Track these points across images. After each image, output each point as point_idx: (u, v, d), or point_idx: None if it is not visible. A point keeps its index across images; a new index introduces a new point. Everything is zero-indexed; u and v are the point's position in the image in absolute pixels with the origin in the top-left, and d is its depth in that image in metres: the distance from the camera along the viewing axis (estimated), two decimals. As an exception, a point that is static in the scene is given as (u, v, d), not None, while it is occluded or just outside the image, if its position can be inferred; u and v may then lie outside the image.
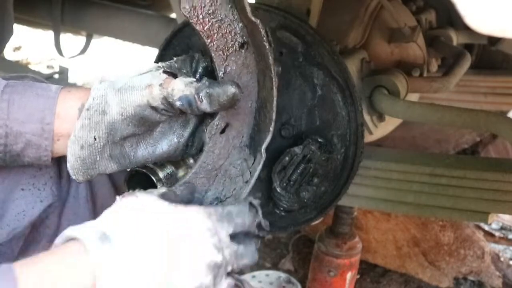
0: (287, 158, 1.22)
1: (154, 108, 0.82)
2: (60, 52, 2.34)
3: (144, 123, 0.84)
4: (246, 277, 2.01)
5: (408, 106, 1.44)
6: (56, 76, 2.28)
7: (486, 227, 2.35)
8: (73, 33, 2.76)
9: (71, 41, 2.70)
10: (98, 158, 0.85)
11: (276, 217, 1.34)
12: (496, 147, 2.61)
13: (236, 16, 0.88)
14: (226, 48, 0.87)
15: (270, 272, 2.08)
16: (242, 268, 0.78)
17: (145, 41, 2.17)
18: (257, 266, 2.18)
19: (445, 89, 1.58)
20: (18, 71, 2.26)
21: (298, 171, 1.22)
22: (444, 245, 2.05)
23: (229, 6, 0.87)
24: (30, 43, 4.30)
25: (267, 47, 0.87)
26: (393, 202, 1.47)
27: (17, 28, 1.80)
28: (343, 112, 1.24)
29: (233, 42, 0.87)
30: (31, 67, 3.84)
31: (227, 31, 0.86)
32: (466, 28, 1.02)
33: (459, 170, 1.43)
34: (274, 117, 0.92)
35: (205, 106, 0.80)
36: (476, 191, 1.39)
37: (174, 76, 0.87)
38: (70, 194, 1.08)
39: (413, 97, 1.70)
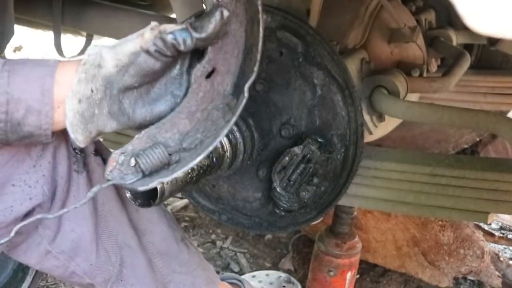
0: (287, 158, 1.22)
1: (148, 53, 0.82)
2: (60, 52, 2.34)
3: (139, 73, 0.84)
4: (246, 277, 2.02)
5: (408, 106, 1.44)
6: (56, 76, 2.28)
7: (486, 227, 2.35)
8: (73, 33, 2.75)
9: (71, 41, 2.70)
10: (96, 112, 0.85)
11: (276, 217, 1.34)
12: (495, 147, 2.61)
13: None
14: None
15: (270, 272, 2.08)
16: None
17: (145, 41, 2.17)
18: (257, 266, 2.18)
19: (444, 89, 1.59)
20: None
21: (298, 171, 1.23)
22: (443, 245, 2.05)
23: None
24: (30, 43, 4.30)
25: None
26: (393, 202, 1.47)
27: (18, 28, 1.80)
28: (343, 112, 1.25)
29: None
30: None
31: None
32: (465, 28, 1.02)
33: (459, 170, 1.43)
34: (259, 58, 0.92)
35: (198, 33, 0.81)
36: (476, 191, 1.39)
37: None
38: (70, 194, 1.08)
39: (413, 97, 1.71)
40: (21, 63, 0.86)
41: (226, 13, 0.83)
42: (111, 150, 1.02)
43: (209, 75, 0.94)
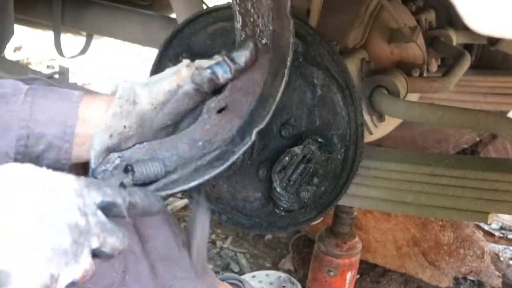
0: (287, 158, 1.22)
1: (184, 91, 0.82)
2: (60, 52, 2.34)
3: (174, 112, 0.84)
4: (246, 277, 2.02)
5: (408, 106, 1.44)
6: (56, 76, 2.27)
7: (486, 227, 2.35)
8: (73, 33, 2.76)
9: (71, 41, 2.70)
10: (123, 145, 0.85)
11: (276, 217, 1.34)
12: (496, 147, 2.61)
13: (270, 14, 0.92)
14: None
15: (270, 272, 2.08)
16: (110, 251, 0.74)
17: (145, 41, 2.17)
18: (257, 266, 2.18)
19: (445, 89, 1.59)
20: (19, 71, 2.26)
21: (298, 171, 1.22)
22: (444, 245, 2.05)
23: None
24: (30, 43, 4.30)
25: (291, 48, 0.92)
26: (393, 202, 1.47)
27: (18, 28, 1.80)
28: (343, 112, 1.25)
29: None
30: (31, 67, 3.84)
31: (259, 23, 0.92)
32: (465, 28, 1.02)
33: (459, 170, 1.43)
34: (273, 109, 0.96)
35: (236, 63, 0.83)
36: (476, 191, 1.39)
37: None
38: None
39: (413, 97, 1.71)
40: (43, 95, 0.84)
41: (259, 43, 0.86)
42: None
43: (220, 111, 0.95)
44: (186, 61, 0.84)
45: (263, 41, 0.93)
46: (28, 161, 0.84)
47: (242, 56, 0.85)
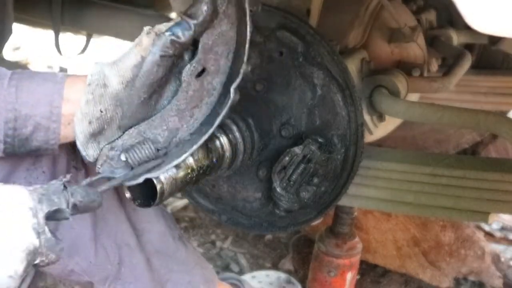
0: (287, 158, 1.22)
1: (150, 61, 0.82)
2: (60, 52, 2.34)
3: (146, 84, 0.84)
4: (246, 277, 2.01)
5: (408, 106, 1.44)
6: (56, 76, 2.27)
7: (487, 227, 2.35)
8: (73, 33, 2.75)
9: (71, 41, 2.70)
10: (106, 127, 0.86)
11: (276, 217, 1.34)
12: (496, 147, 2.61)
13: None
14: None
15: (270, 272, 2.08)
16: (46, 265, 0.76)
17: (145, 41, 2.17)
18: (257, 266, 2.18)
19: (445, 89, 1.58)
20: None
21: (298, 171, 1.22)
22: (444, 245, 2.05)
23: None
24: (29, 43, 4.29)
25: None
26: (393, 202, 1.47)
27: (17, 27, 1.80)
28: (343, 112, 1.24)
29: None
30: (31, 67, 3.84)
31: None
32: (466, 28, 1.02)
33: (459, 170, 1.43)
34: (245, 59, 0.94)
35: (194, 19, 0.82)
36: (476, 191, 1.39)
37: None
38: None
39: (413, 97, 1.70)
40: (28, 78, 0.85)
41: None
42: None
43: (199, 75, 0.94)
44: (146, 28, 0.84)
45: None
46: (17, 143, 0.85)
47: (199, 10, 0.83)
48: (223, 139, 1.18)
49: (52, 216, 0.75)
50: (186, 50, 0.89)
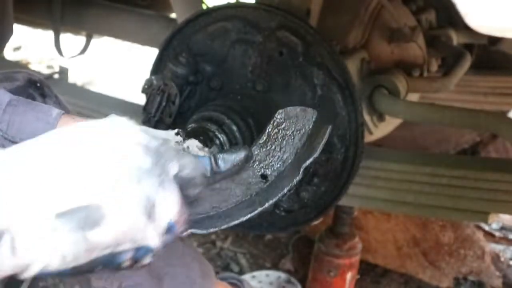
0: (287, 158, 1.22)
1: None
2: (60, 52, 2.34)
3: None
4: (246, 277, 2.01)
5: (408, 106, 1.44)
6: (56, 76, 2.27)
7: (486, 227, 2.35)
8: (73, 33, 2.76)
9: (71, 41, 2.70)
10: None
11: (276, 217, 1.34)
12: (496, 147, 2.61)
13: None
14: None
15: (270, 272, 2.08)
16: (190, 179, 0.68)
17: (145, 41, 2.17)
18: (257, 266, 2.18)
19: (445, 89, 1.58)
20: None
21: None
22: (444, 245, 2.05)
23: None
24: (30, 43, 4.29)
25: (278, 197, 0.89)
26: (393, 202, 1.47)
27: (17, 28, 1.80)
28: (343, 112, 1.24)
29: None
30: (31, 67, 3.84)
31: None
32: (466, 28, 1.02)
33: (459, 170, 1.43)
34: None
35: (217, 166, 0.79)
36: (476, 191, 1.39)
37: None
38: None
39: (413, 97, 1.70)
40: (22, 113, 0.86)
41: (250, 158, 0.81)
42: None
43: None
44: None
45: (263, 172, 0.88)
46: None
47: (228, 162, 0.79)
48: (223, 139, 1.18)
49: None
50: None
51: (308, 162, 0.86)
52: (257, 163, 0.86)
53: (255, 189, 0.88)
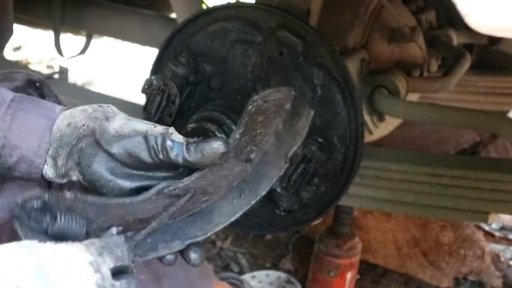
0: (287, 158, 1.22)
1: (145, 139, 0.81)
2: (60, 52, 2.34)
3: (128, 150, 0.84)
4: (246, 277, 2.01)
5: (408, 106, 1.44)
6: (56, 76, 2.27)
7: (486, 227, 2.35)
8: (73, 33, 2.76)
9: (71, 41, 2.70)
10: (70, 146, 0.85)
11: (276, 217, 1.34)
12: (496, 147, 2.61)
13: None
14: None
15: (270, 272, 2.08)
16: None
17: (145, 41, 2.17)
18: (257, 266, 2.18)
19: (445, 89, 1.58)
20: (18, 71, 2.25)
21: (298, 171, 1.22)
22: (444, 245, 2.05)
23: None
24: (30, 43, 4.30)
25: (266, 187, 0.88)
26: (393, 202, 1.47)
27: (17, 28, 1.80)
28: (343, 112, 1.24)
29: None
30: (31, 67, 3.84)
31: None
32: (466, 28, 1.02)
33: (459, 170, 1.43)
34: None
35: (189, 154, 0.79)
36: (476, 191, 1.39)
37: None
38: (64, 186, 1.08)
39: (413, 97, 1.70)
40: (26, 109, 0.86)
41: (224, 149, 0.77)
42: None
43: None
44: (171, 129, 0.82)
45: (247, 157, 0.84)
46: (0, 170, 0.86)
47: (199, 154, 0.77)
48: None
49: (118, 274, 0.67)
50: None
51: (293, 149, 0.85)
52: (239, 151, 0.85)
53: (241, 176, 0.86)
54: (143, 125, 0.84)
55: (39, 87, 1.06)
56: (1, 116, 0.84)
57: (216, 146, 0.78)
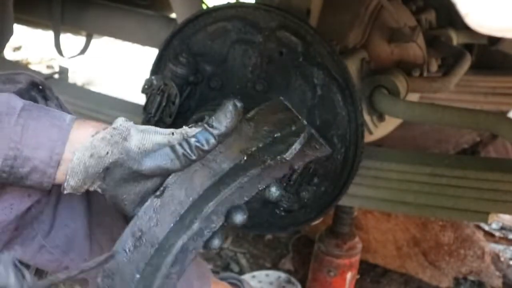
0: (287, 158, 1.22)
1: (173, 150, 0.84)
2: (60, 52, 2.34)
3: (158, 169, 0.86)
4: (246, 277, 2.01)
5: (408, 106, 1.44)
6: (56, 76, 2.27)
7: (486, 227, 2.35)
8: (73, 33, 2.75)
9: (71, 41, 2.70)
10: (100, 170, 0.86)
11: (276, 217, 1.34)
12: (496, 147, 2.61)
13: None
14: None
15: (270, 272, 2.08)
16: None
17: (145, 41, 2.17)
18: (257, 266, 2.18)
19: (445, 89, 1.59)
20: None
21: (298, 171, 1.22)
22: (444, 245, 2.05)
23: None
24: (30, 43, 4.30)
25: None
26: (393, 202, 1.47)
27: (17, 28, 1.80)
28: (343, 112, 1.24)
29: None
30: (31, 67, 3.84)
31: None
32: (466, 28, 1.02)
33: (459, 170, 1.43)
34: None
35: (217, 129, 0.84)
36: (476, 191, 1.39)
37: None
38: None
39: (413, 97, 1.70)
40: (36, 118, 0.86)
41: (238, 103, 0.84)
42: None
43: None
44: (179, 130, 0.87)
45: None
46: (12, 180, 0.86)
47: (223, 120, 0.84)
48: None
49: None
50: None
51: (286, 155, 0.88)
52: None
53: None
54: (161, 137, 0.86)
55: (42, 89, 1.06)
56: (11, 126, 0.84)
57: (230, 106, 0.84)
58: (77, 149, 0.85)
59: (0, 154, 0.83)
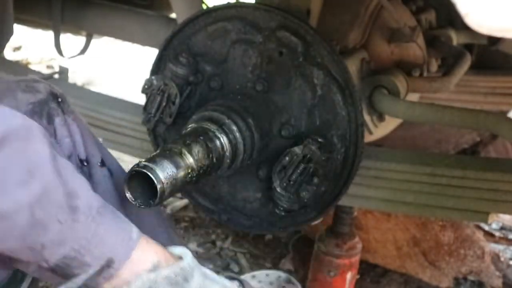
0: (287, 158, 1.22)
1: None
2: (60, 52, 2.34)
3: None
4: (246, 277, 2.01)
5: (408, 106, 1.44)
6: (56, 76, 2.27)
7: (486, 227, 2.35)
8: (73, 33, 2.75)
9: (71, 41, 2.70)
10: None
11: (276, 217, 1.34)
12: (496, 147, 2.61)
13: None
14: None
15: (270, 272, 2.08)
16: None
17: (145, 41, 2.17)
18: (257, 266, 2.18)
19: (445, 89, 1.59)
20: (18, 71, 2.25)
21: (298, 171, 1.22)
22: (444, 245, 2.05)
23: None
24: (30, 43, 4.30)
25: None
26: (393, 202, 1.47)
27: (17, 28, 1.80)
28: (343, 112, 1.25)
29: None
30: (31, 67, 3.84)
31: None
32: (466, 28, 1.02)
33: (459, 170, 1.43)
34: None
35: None
36: (476, 191, 1.39)
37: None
38: None
39: (413, 97, 1.70)
40: (107, 226, 0.84)
41: None
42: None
43: None
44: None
45: None
46: (58, 273, 0.84)
47: None
48: (223, 139, 1.18)
49: None
50: None
51: None
52: None
53: None
54: (217, 287, 0.89)
55: (60, 102, 1.05)
56: (81, 229, 0.82)
57: None
58: (138, 278, 0.84)
59: (61, 251, 0.82)
